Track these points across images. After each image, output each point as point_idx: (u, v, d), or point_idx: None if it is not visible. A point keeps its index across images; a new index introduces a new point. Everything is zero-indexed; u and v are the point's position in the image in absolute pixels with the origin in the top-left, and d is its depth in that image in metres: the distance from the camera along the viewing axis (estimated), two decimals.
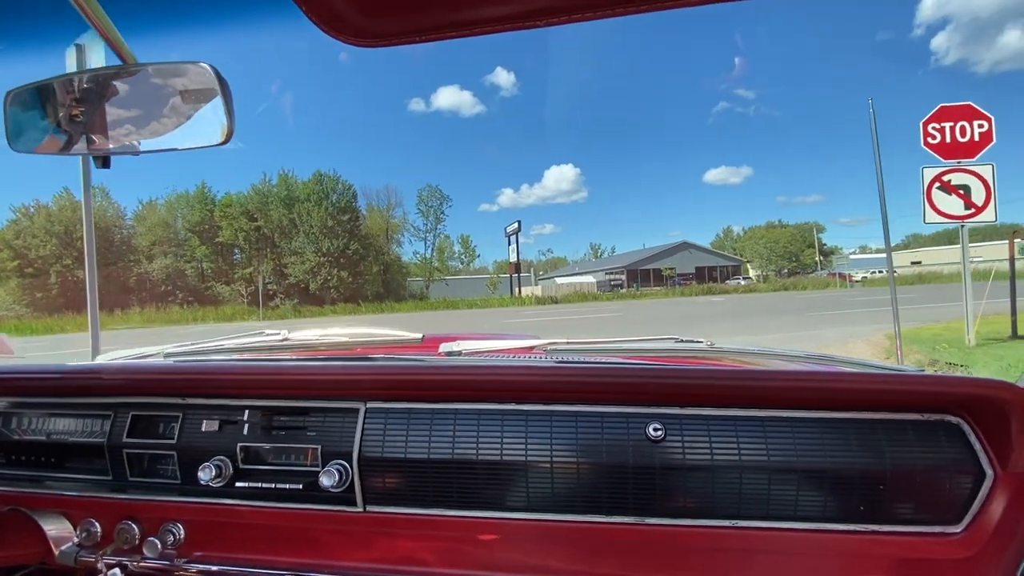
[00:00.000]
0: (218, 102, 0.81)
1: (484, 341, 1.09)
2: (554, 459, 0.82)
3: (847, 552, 0.77)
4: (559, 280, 46.85)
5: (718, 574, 0.80)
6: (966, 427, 0.77)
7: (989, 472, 0.75)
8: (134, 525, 0.93)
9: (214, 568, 0.91)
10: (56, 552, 0.95)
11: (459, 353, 1.03)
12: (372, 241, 40.18)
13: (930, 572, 0.75)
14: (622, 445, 0.81)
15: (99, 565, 0.91)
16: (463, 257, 57.58)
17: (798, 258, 53.21)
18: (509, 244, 36.43)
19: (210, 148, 0.85)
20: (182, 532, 0.93)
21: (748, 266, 51.92)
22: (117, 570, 0.91)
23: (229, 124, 0.83)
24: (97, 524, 0.96)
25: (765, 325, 11.88)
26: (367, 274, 39.13)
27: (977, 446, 0.76)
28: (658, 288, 38.24)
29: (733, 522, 0.79)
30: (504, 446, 0.84)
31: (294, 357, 1.12)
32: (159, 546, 0.89)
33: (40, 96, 0.85)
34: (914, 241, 75.60)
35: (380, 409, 0.90)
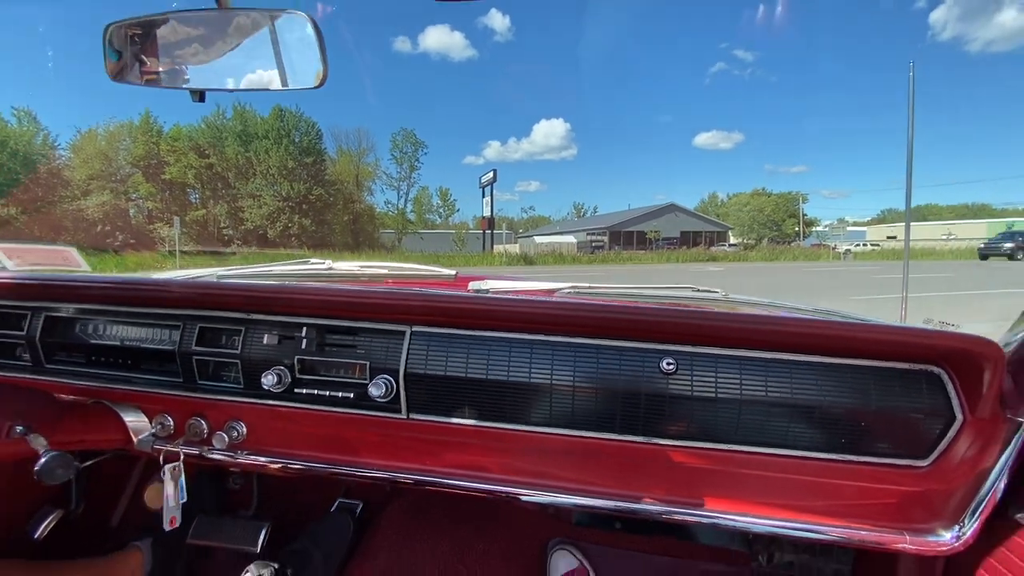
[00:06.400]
0: (314, 48, 0.88)
1: (509, 281, 1.20)
2: (576, 384, 0.92)
3: (826, 477, 0.88)
4: (538, 239, 44.88)
5: (712, 487, 0.91)
6: (946, 377, 0.85)
7: (959, 416, 0.84)
8: (202, 421, 1.06)
9: (269, 460, 1.05)
10: (135, 440, 1.09)
11: (487, 291, 1.11)
12: (341, 187, 37.05)
13: (897, 498, 0.86)
14: (637, 375, 0.91)
15: (177, 452, 1.07)
16: (442, 210, 54.70)
17: (780, 227, 52.31)
18: (483, 196, 33.98)
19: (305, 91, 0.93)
20: (244, 429, 1.06)
21: (729, 233, 50.64)
22: (179, 463, 1.06)
23: (324, 70, 0.89)
24: (170, 418, 1.08)
25: None
26: (335, 223, 36.18)
27: (952, 394, 0.85)
28: (641, 251, 36.51)
29: (730, 446, 0.90)
30: (532, 370, 0.94)
31: (340, 285, 1.19)
32: (226, 439, 1.02)
33: (136, 31, 0.90)
34: (889, 215, 75.93)
35: (424, 333, 1.00)
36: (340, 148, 40.19)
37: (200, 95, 0.91)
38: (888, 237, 52.19)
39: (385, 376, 0.97)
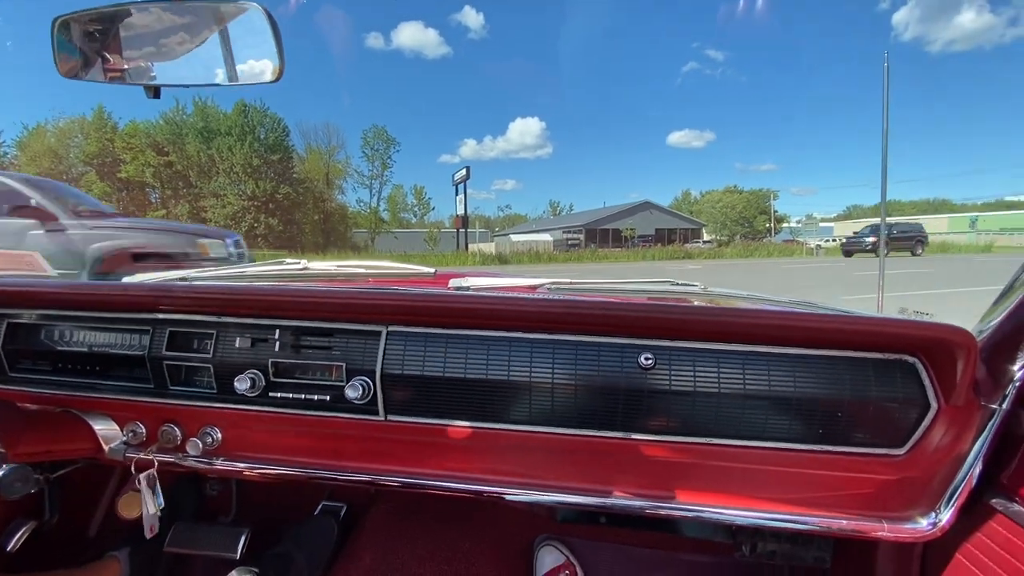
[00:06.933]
0: (268, 42, 0.85)
1: (490, 278, 1.17)
2: (555, 381, 0.91)
3: (805, 468, 0.88)
4: (515, 237, 44.94)
5: (693, 481, 0.91)
6: (920, 366, 0.85)
7: (934, 405, 0.84)
8: (176, 428, 1.03)
9: (246, 466, 1.03)
10: (106, 449, 1.06)
11: (468, 288, 1.09)
12: (310, 186, 36.31)
13: (874, 487, 0.87)
14: (616, 371, 0.90)
15: (150, 460, 1.04)
16: (417, 209, 54.15)
17: (751, 224, 53.73)
18: (457, 194, 33.62)
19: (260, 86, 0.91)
20: (219, 434, 1.04)
21: (703, 230, 51.76)
22: (153, 470, 1.04)
23: (280, 64, 0.87)
24: (142, 426, 1.05)
25: None
26: (304, 222, 35.44)
27: (927, 382, 0.85)
28: (617, 249, 36.90)
29: (708, 440, 0.89)
30: (511, 368, 0.92)
31: (315, 285, 1.15)
32: (200, 446, 1.01)
33: (87, 24, 0.87)
34: (855, 211, 78.89)
35: (400, 332, 0.98)
36: (309, 145, 39.46)
37: (155, 91, 0.88)
38: (854, 232, 54.14)
39: (362, 377, 0.95)
